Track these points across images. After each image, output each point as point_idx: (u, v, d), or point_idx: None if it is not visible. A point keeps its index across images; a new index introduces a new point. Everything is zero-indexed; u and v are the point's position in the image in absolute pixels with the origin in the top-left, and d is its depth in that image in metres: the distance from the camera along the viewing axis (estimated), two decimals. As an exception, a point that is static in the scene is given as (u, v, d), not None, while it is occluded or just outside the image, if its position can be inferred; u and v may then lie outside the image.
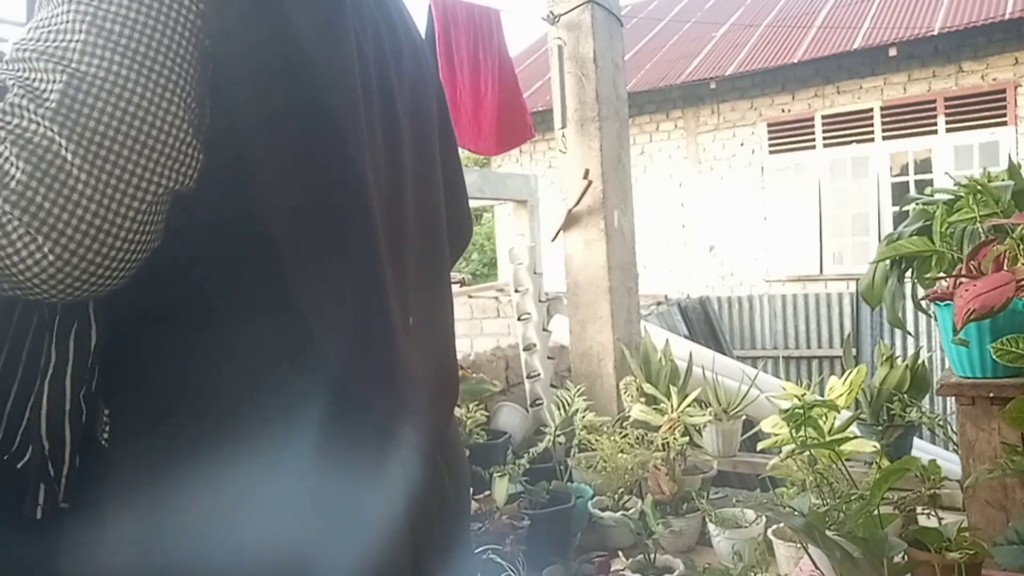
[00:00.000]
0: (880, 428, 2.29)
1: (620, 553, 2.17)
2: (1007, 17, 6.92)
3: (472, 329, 4.88)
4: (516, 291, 3.18)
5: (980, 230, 1.81)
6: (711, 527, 2.18)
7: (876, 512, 1.49)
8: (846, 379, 2.20)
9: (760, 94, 8.46)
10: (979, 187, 1.85)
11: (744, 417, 2.71)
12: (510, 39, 3.61)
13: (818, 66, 8.01)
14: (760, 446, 2.26)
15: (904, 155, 7.91)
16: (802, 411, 1.72)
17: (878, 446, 2.12)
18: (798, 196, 8.34)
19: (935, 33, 7.23)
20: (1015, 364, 1.46)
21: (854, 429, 2.05)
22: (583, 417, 2.62)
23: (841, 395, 2.14)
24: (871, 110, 7.93)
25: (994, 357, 1.49)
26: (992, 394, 1.69)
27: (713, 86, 8.44)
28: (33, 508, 0.62)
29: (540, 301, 3.16)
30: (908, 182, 7.82)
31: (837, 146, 8.13)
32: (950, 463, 2.42)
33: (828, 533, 1.46)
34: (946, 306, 1.73)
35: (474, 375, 2.73)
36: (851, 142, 8.05)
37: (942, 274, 1.88)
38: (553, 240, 3.16)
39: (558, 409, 2.69)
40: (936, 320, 1.93)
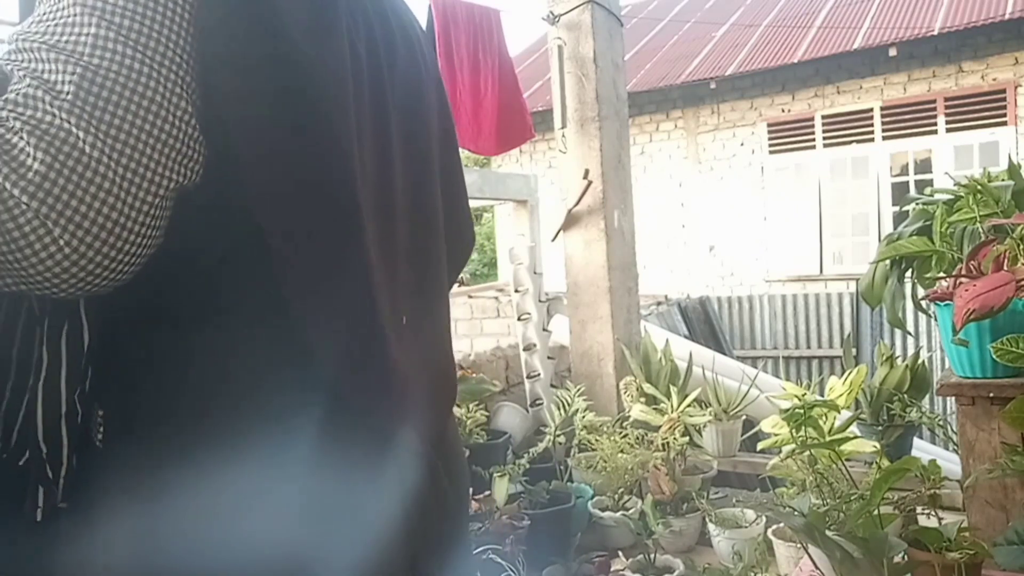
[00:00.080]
0: (880, 428, 2.29)
1: (620, 553, 2.17)
2: (1007, 17, 6.92)
3: (472, 329, 4.88)
4: (516, 291, 3.18)
5: (980, 230, 1.81)
6: (711, 527, 2.18)
7: (876, 512, 1.49)
8: (846, 379, 2.20)
9: (760, 94, 8.46)
10: (979, 187, 1.85)
11: (744, 417, 2.71)
12: (510, 39, 3.61)
13: (818, 66, 8.02)
14: (760, 446, 2.26)
15: (904, 155, 7.92)
16: (802, 411, 1.72)
17: (878, 446, 2.12)
18: (798, 196, 8.35)
19: (935, 33, 7.23)
20: (1015, 364, 1.46)
21: (854, 429, 2.05)
22: (583, 417, 2.62)
23: (841, 395, 2.14)
24: (871, 110, 7.94)
25: (994, 357, 1.49)
26: (992, 394, 1.69)
27: (713, 86, 8.44)
28: (33, 510, 0.62)
29: (540, 301, 3.16)
30: (908, 182, 7.83)
31: (837, 146, 8.13)
32: (950, 463, 2.42)
33: (828, 533, 1.46)
34: (946, 306, 1.73)
35: (474, 375, 2.73)
36: (851, 142, 8.05)
37: (942, 274, 1.88)
38: (553, 240, 3.16)
39: (558, 409, 2.69)
40: (936, 320, 1.93)
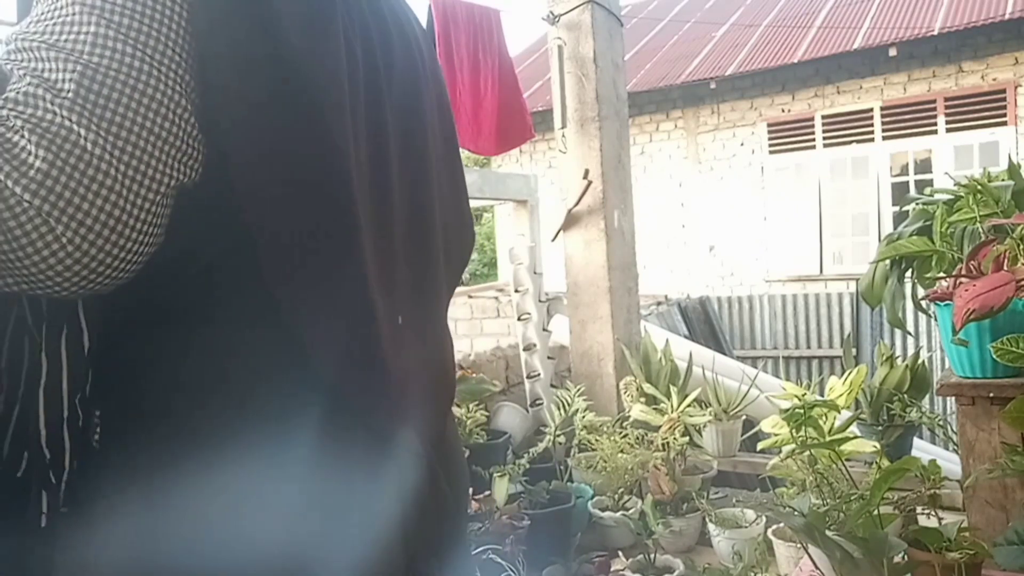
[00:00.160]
0: (880, 428, 2.29)
1: (620, 553, 2.17)
2: (1007, 17, 6.92)
3: (472, 329, 4.88)
4: (516, 291, 3.18)
5: (980, 230, 1.81)
6: (711, 527, 2.18)
7: (876, 512, 1.49)
8: (846, 379, 2.20)
9: (760, 94, 8.46)
10: (979, 187, 1.85)
11: (744, 417, 2.71)
12: (510, 39, 3.61)
13: (818, 66, 8.02)
14: (760, 446, 2.26)
15: (904, 155, 7.92)
16: (802, 411, 1.72)
17: (878, 446, 2.12)
18: (798, 196, 8.35)
19: (935, 33, 7.23)
20: (1015, 364, 1.46)
21: (854, 429, 2.05)
22: (583, 417, 2.62)
23: (841, 395, 2.14)
24: (871, 110, 7.94)
25: (994, 357, 1.49)
26: (992, 394, 1.69)
27: (713, 86, 8.45)
28: (37, 516, 0.61)
29: (540, 301, 3.16)
30: (908, 182, 7.83)
31: (837, 146, 8.13)
32: (950, 463, 2.42)
33: (828, 533, 1.46)
34: (946, 306, 1.73)
35: (474, 375, 2.73)
36: (851, 142, 8.05)
37: (942, 274, 1.88)
38: (553, 240, 3.16)
39: (558, 409, 2.69)
40: (936, 320, 1.93)
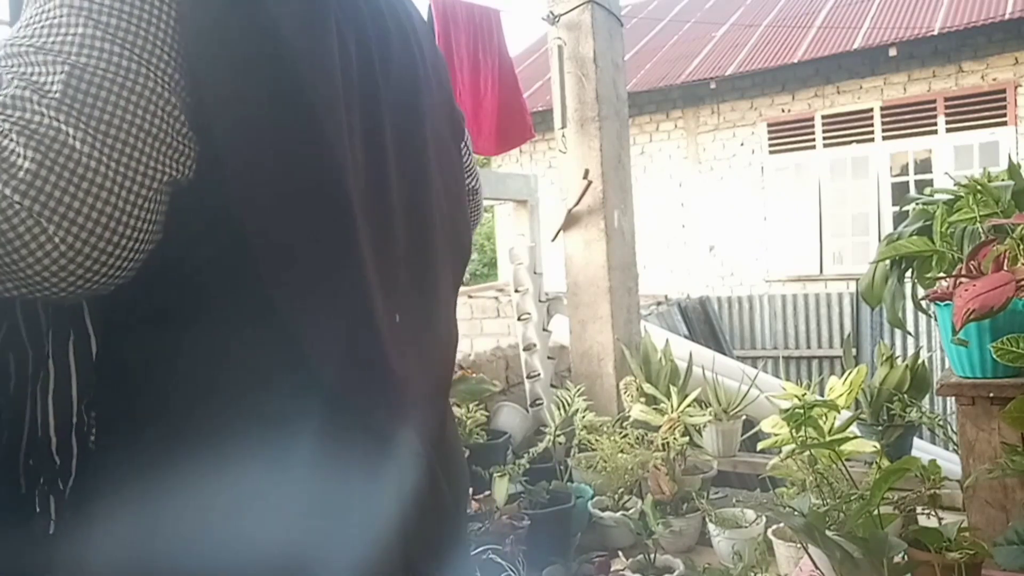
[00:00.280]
0: (880, 428, 2.29)
1: (620, 553, 2.17)
2: (1007, 17, 6.92)
3: (472, 329, 4.88)
4: (516, 291, 3.18)
5: (980, 230, 1.81)
6: (711, 527, 2.17)
7: (876, 512, 1.49)
8: (846, 379, 2.20)
9: (760, 94, 8.46)
10: (979, 187, 1.85)
11: (744, 417, 2.71)
12: (510, 39, 3.61)
13: (818, 66, 8.02)
14: (760, 446, 2.26)
15: (904, 155, 7.92)
16: (802, 411, 1.72)
17: (878, 446, 2.12)
18: (798, 196, 8.35)
19: (935, 33, 7.24)
20: (1015, 364, 1.46)
21: (854, 429, 2.05)
22: (583, 417, 2.62)
23: (841, 395, 2.14)
24: (871, 110, 7.94)
25: (994, 357, 1.49)
26: (992, 394, 1.69)
27: (713, 86, 8.45)
28: (47, 524, 0.61)
29: (540, 301, 3.16)
30: (908, 182, 7.83)
31: (837, 146, 8.13)
32: (950, 463, 2.42)
33: (828, 533, 1.46)
34: (946, 306, 1.73)
35: (474, 375, 2.73)
36: (851, 142, 8.05)
37: (942, 274, 1.88)
38: (553, 240, 3.16)
39: (558, 409, 2.69)
40: (936, 320, 1.93)
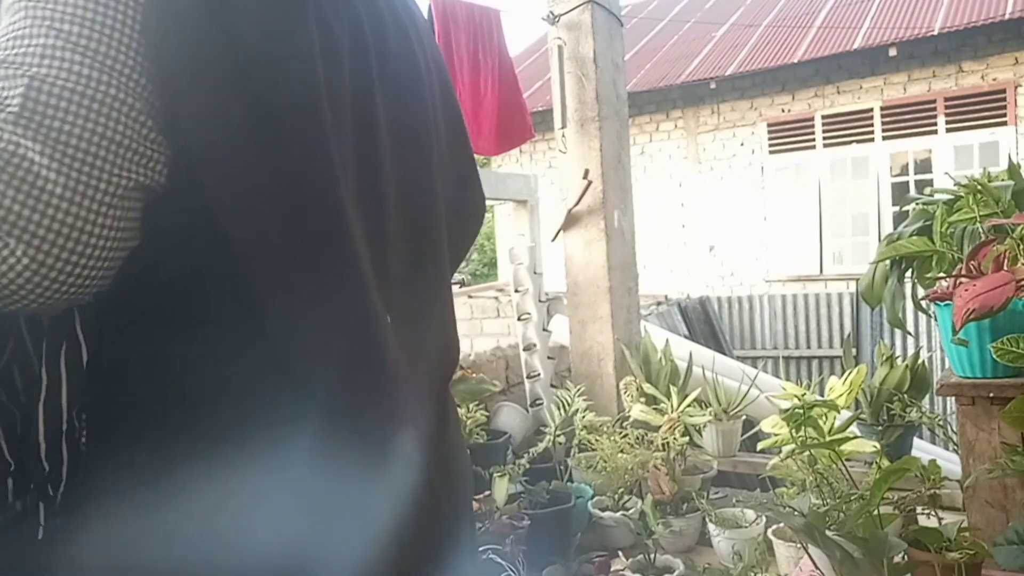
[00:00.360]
0: (880, 428, 2.29)
1: (620, 553, 2.17)
2: (1007, 17, 6.92)
3: (472, 329, 4.88)
4: (516, 291, 3.18)
5: (980, 230, 1.81)
6: (711, 527, 2.17)
7: (876, 512, 1.49)
8: (846, 379, 2.20)
9: (760, 94, 8.46)
10: (979, 187, 1.85)
11: (744, 417, 2.71)
12: (510, 39, 3.61)
13: (818, 66, 8.02)
14: (760, 446, 2.26)
15: (904, 155, 7.92)
16: (802, 411, 1.72)
17: (878, 446, 2.12)
18: (798, 196, 8.35)
19: (935, 33, 7.24)
20: (1015, 364, 1.46)
21: (854, 429, 2.05)
22: (583, 417, 2.62)
23: (841, 395, 2.14)
24: (871, 110, 7.94)
25: (994, 357, 1.49)
26: (992, 394, 1.69)
27: (713, 86, 8.45)
28: (35, 528, 0.61)
29: (540, 301, 3.16)
30: (908, 182, 7.83)
31: (837, 146, 8.14)
32: (950, 463, 2.42)
33: (828, 533, 1.46)
34: (946, 306, 1.73)
35: (474, 375, 2.73)
36: (851, 142, 8.05)
37: (942, 274, 1.88)
38: (553, 240, 3.16)
39: (558, 409, 2.69)
40: (936, 320, 1.93)
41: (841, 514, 1.70)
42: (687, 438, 2.48)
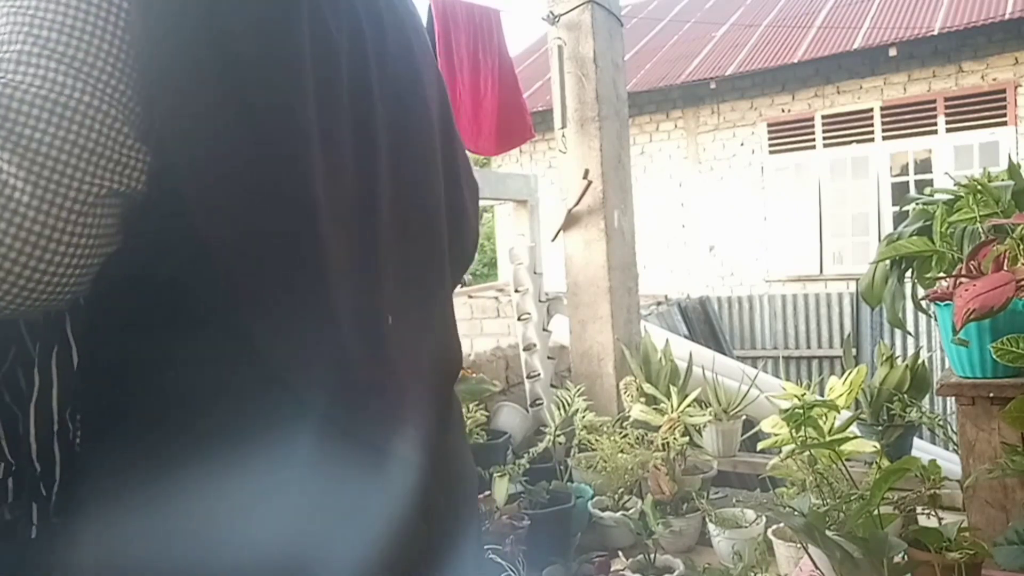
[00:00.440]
0: (880, 428, 2.29)
1: (620, 553, 2.17)
2: (1007, 17, 6.92)
3: (472, 329, 4.88)
4: (516, 291, 3.18)
5: (980, 230, 1.81)
6: (711, 527, 2.17)
7: (876, 512, 1.49)
8: (846, 379, 2.20)
9: (760, 94, 8.47)
10: (979, 187, 1.85)
11: (744, 417, 2.71)
12: (510, 39, 3.61)
13: (818, 66, 8.02)
14: (760, 446, 2.26)
15: (904, 155, 7.92)
16: (802, 411, 1.72)
17: (878, 446, 2.11)
18: (798, 196, 8.35)
19: (935, 33, 7.24)
20: (1015, 364, 1.46)
21: (854, 429, 2.05)
22: (583, 417, 2.62)
23: (841, 395, 2.14)
24: (871, 110, 7.94)
25: (994, 357, 1.49)
26: (992, 394, 1.69)
27: (713, 86, 8.45)
28: (28, 528, 0.61)
29: (540, 301, 3.16)
30: (908, 182, 7.83)
31: (837, 146, 8.14)
32: (950, 463, 2.42)
33: (828, 533, 1.46)
34: (946, 306, 1.73)
35: (474, 375, 2.73)
36: (851, 142, 8.05)
37: (942, 274, 1.88)
38: (553, 240, 3.16)
39: (558, 409, 2.69)
40: (936, 320, 1.93)
41: (841, 514, 1.70)
42: (687, 438, 2.48)
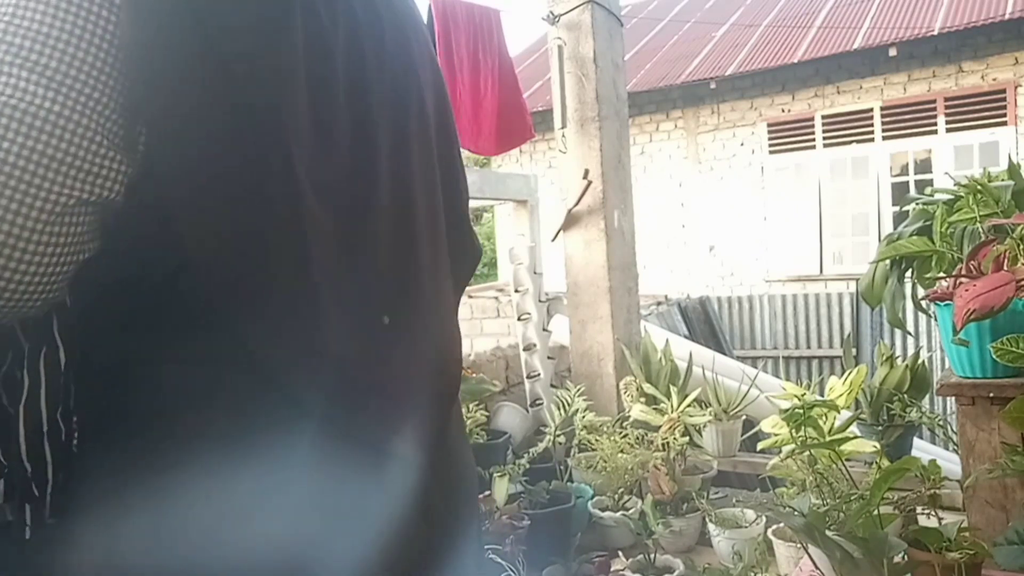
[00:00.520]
0: (880, 428, 2.29)
1: (620, 553, 2.17)
2: (1007, 17, 6.92)
3: (472, 329, 4.88)
4: (516, 291, 3.18)
5: (980, 230, 1.81)
6: (711, 527, 2.17)
7: (876, 512, 1.49)
8: (846, 379, 2.20)
9: (760, 94, 8.47)
10: (979, 187, 1.85)
11: (744, 417, 2.71)
12: (510, 39, 3.61)
13: (818, 66, 8.02)
14: (760, 446, 2.26)
15: (904, 155, 7.92)
16: (802, 411, 1.72)
17: (878, 446, 2.11)
18: (798, 196, 8.35)
19: (935, 33, 7.24)
20: (1015, 364, 1.46)
21: (854, 429, 2.05)
22: (583, 417, 2.62)
23: (841, 395, 2.14)
24: (871, 110, 7.94)
25: (994, 357, 1.49)
26: (992, 394, 1.69)
27: (713, 86, 8.45)
28: (21, 529, 0.61)
29: (540, 301, 3.16)
30: (908, 182, 7.83)
31: (837, 146, 8.14)
32: (950, 463, 2.42)
33: (828, 533, 1.46)
34: (946, 306, 1.73)
35: (474, 375, 2.73)
36: (851, 142, 8.05)
37: (942, 274, 1.88)
38: (553, 240, 3.16)
39: (558, 409, 2.69)
40: (936, 320, 1.93)
41: (841, 514, 1.70)
42: (687, 438, 2.48)
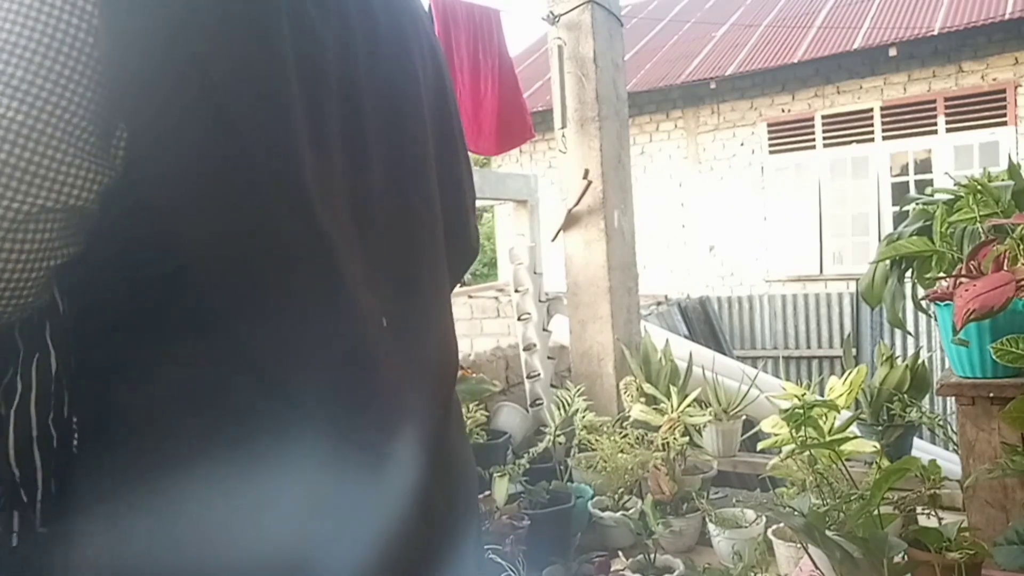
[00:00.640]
0: (880, 428, 2.29)
1: (620, 553, 2.17)
2: (1007, 17, 6.92)
3: (472, 329, 4.88)
4: (516, 291, 3.18)
5: (980, 230, 1.81)
6: (711, 527, 2.17)
7: (876, 512, 1.49)
8: (846, 379, 2.20)
9: (760, 94, 8.47)
10: (979, 187, 1.85)
11: (744, 417, 2.71)
12: (510, 39, 3.61)
13: (818, 66, 8.02)
14: (760, 446, 2.26)
15: (904, 155, 7.92)
16: (802, 411, 1.72)
17: (878, 446, 2.11)
18: (798, 196, 8.35)
19: (935, 33, 7.24)
20: (1015, 364, 1.46)
21: (854, 429, 2.05)
22: (583, 417, 2.62)
23: (841, 395, 2.14)
24: (871, 110, 7.94)
25: (994, 357, 1.49)
26: (992, 394, 1.69)
27: (713, 86, 8.45)
28: (8, 536, 0.61)
29: (540, 301, 3.16)
30: (908, 182, 7.83)
31: (837, 146, 8.14)
32: (950, 463, 2.42)
33: (828, 533, 1.46)
34: (946, 306, 1.73)
35: (474, 375, 2.73)
36: (851, 142, 8.06)
37: (942, 274, 1.88)
38: (553, 240, 3.16)
39: (558, 409, 2.69)
40: (936, 320, 1.93)
41: (841, 514, 1.70)
42: (687, 438, 2.48)
